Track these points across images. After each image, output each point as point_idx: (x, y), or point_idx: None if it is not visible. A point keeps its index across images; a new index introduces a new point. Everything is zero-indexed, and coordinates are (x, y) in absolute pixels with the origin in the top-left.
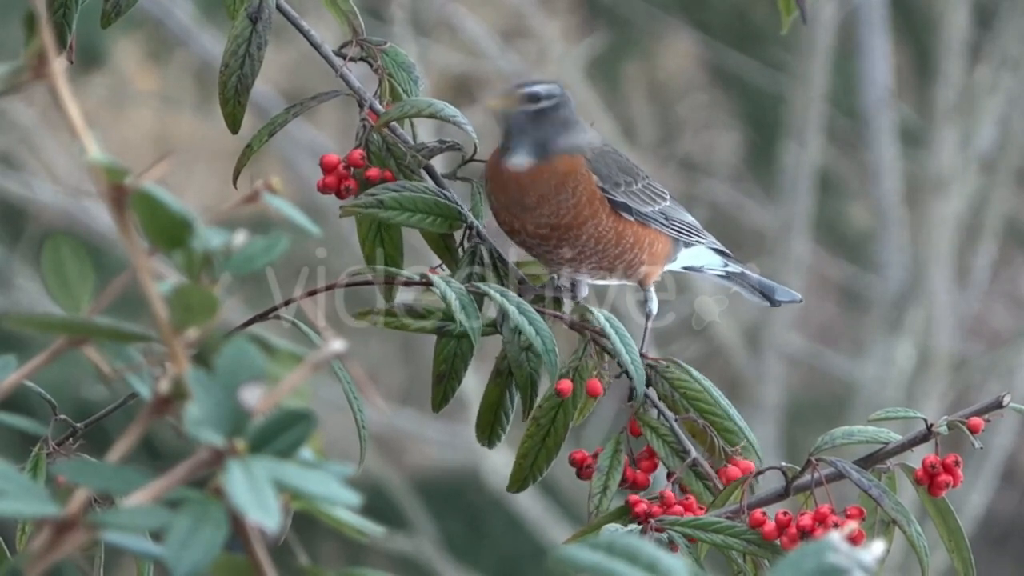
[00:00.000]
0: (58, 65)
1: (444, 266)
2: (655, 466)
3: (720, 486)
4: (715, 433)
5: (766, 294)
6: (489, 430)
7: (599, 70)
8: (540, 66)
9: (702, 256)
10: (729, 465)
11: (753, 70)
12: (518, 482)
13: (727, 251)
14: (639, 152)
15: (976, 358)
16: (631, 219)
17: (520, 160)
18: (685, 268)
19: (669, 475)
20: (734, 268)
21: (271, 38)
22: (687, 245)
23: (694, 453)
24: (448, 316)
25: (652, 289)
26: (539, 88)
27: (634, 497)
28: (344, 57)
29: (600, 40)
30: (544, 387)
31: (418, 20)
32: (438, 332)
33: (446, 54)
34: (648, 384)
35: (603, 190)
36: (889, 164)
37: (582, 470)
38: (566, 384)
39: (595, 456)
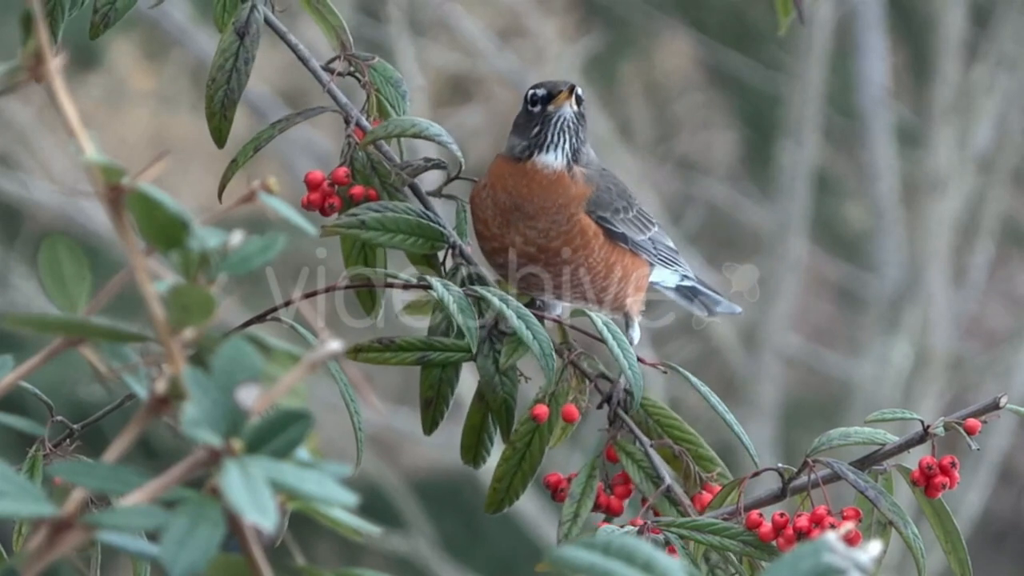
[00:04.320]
0: (55, 65)
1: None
2: (629, 492)
3: (693, 512)
4: (690, 459)
5: (708, 306)
6: (473, 452)
7: (596, 69)
8: (537, 65)
9: (662, 273)
10: (704, 492)
11: (750, 70)
12: (494, 504)
13: (689, 275)
14: (636, 152)
15: (973, 358)
16: (626, 248)
17: (553, 160)
18: None
19: (643, 501)
20: (687, 283)
21: (267, 38)
22: (660, 268)
23: (668, 479)
24: (428, 346)
25: (636, 320)
26: (579, 90)
27: (604, 524)
28: (332, 72)
29: (597, 39)
30: (525, 402)
31: (415, 20)
32: (420, 363)
33: (443, 54)
34: (626, 410)
35: (603, 219)
36: (886, 163)
37: (556, 494)
38: (542, 409)
39: (569, 480)
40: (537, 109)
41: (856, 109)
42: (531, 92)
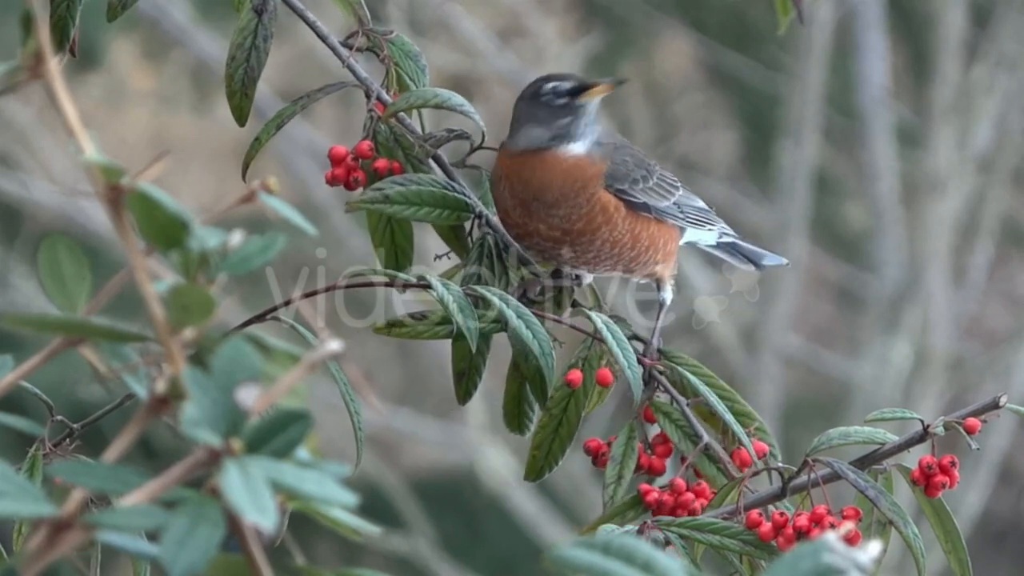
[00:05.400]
0: (55, 65)
1: (452, 254)
2: (670, 451)
3: (733, 469)
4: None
5: (753, 260)
6: (517, 420)
7: (596, 69)
8: (537, 65)
9: (698, 233)
10: (742, 448)
11: (750, 70)
12: (534, 472)
13: (728, 230)
14: None
15: (973, 358)
16: (650, 217)
17: (576, 148)
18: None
19: (683, 459)
20: (726, 239)
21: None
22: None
23: (706, 437)
24: None
25: (668, 283)
26: None
27: (645, 486)
28: (350, 48)
29: (597, 39)
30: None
31: (415, 20)
32: (452, 336)
33: (443, 54)
34: (661, 372)
35: (621, 192)
36: (886, 164)
37: (598, 458)
38: (576, 374)
39: (610, 444)
40: (564, 102)
41: (856, 109)
42: (552, 85)
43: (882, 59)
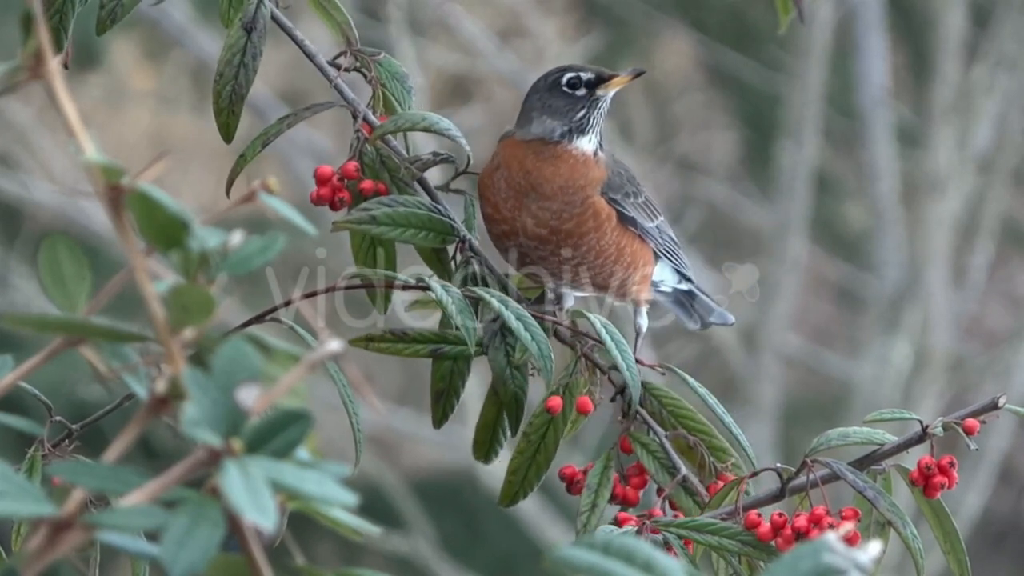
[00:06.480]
0: (55, 65)
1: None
2: (645, 483)
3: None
4: (705, 450)
5: (701, 316)
6: (486, 448)
7: None
8: (537, 65)
9: (663, 271)
10: (719, 482)
11: (750, 70)
12: (508, 497)
13: (688, 275)
14: (636, 152)
15: (973, 358)
16: (635, 233)
17: (586, 143)
18: None
19: (659, 491)
20: (685, 286)
21: (268, 38)
22: (663, 260)
23: (684, 470)
24: (441, 339)
25: (644, 308)
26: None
27: (623, 515)
28: (338, 67)
29: (597, 39)
30: (537, 397)
31: (414, 20)
32: (433, 355)
33: (443, 54)
34: (626, 410)
35: (615, 201)
36: (886, 164)
37: (572, 486)
38: (556, 401)
39: (585, 472)
40: (582, 92)
41: (856, 109)
42: (571, 75)
43: (882, 59)
